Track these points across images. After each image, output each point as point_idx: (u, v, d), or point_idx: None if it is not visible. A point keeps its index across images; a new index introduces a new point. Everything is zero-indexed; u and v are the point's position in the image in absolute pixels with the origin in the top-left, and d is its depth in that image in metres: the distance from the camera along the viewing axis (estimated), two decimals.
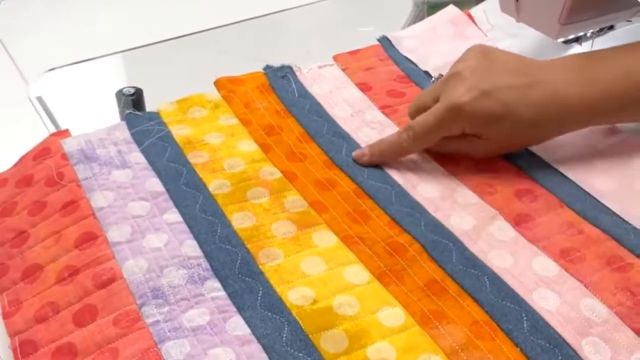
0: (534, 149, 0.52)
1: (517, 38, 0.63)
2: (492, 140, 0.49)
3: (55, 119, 0.59)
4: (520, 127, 0.48)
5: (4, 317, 0.41)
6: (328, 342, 0.38)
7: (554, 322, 0.39)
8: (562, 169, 0.50)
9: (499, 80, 0.47)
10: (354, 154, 0.51)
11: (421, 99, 0.52)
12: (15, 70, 0.76)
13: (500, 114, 0.47)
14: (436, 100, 0.49)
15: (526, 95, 0.47)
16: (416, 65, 0.63)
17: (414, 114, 0.52)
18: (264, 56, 0.63)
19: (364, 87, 0.60)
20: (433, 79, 0.56)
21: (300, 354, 0.37)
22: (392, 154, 0.51)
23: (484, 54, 0.50)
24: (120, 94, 0.59)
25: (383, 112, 0.57)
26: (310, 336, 0.38)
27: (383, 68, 0.63)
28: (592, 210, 0.47)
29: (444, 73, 0.59)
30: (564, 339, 0.38)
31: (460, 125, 0.48)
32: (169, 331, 0.38)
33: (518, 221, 0.46)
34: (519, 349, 0.38)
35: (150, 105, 0.59)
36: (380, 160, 0.51)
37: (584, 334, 0.38)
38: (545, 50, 0.62)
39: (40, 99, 0.65)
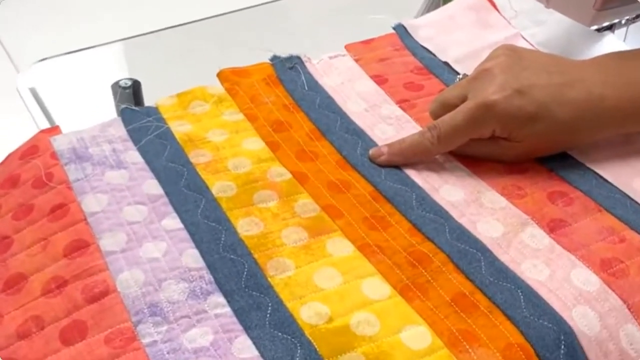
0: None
1: (544, 25, 0.59)
2: (524, 143, 0.45)
3: (49, 113, 0.55)
4: (555, 129, 0.44)
5: None
6: None
7: (591, 354, 0.35)
8: (598, 170, 0.46)
9: (532, 79, 0.44)
10: (370, 152, 0.47)
11: (446, 96, 0.47)
12: (8, 60, 0.72)
13: (534, 114, 0.43)
14: (463, 98, 0.45)
15: (561, 95, 0.44)
16: (435, 56, 0.58)
17: (437, 112, 0.47)
18: (270, 46, 0.59)
19: (379, 80, 0.56)
20: (458, 77, 0.52)
21: None
22: (413, 155, 0.46)
23: (514, 52, 0.47)
24: (116, 87, 0.55)
25: (400, 107, 0.53)
26: None
27: (399, 59, 0.58)
28: (633, 214, 0.42)
29: (465, 65, 0.55)
30: None
31: (490, 125, 0.44)
32: (167, 353, 0.34)
33: (552, 227, 0.42)
34: None
35: (148, 99, 0.55)
36: (399, 161, 0.47)
37: None
38: (575, 39, 0.57)
39: (33, 91, 0.61)
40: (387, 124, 0.51)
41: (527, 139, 0.45)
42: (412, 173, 0.46)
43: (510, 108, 0.43)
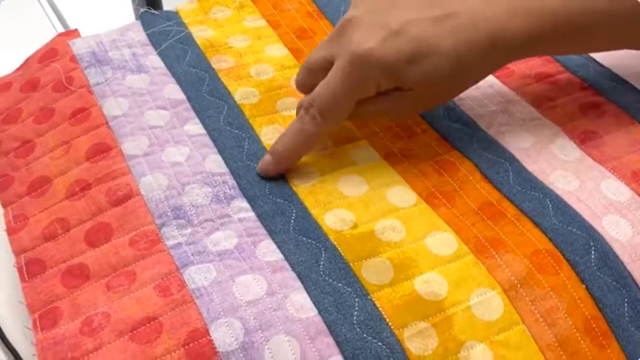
0: (601, 60, 0.46)
1: None
2: (417, 91, 0.38)
3: (64, 17, 0.53)
4: (444, 65, 0.36)
5: (9, 233, 0.37)
6: (370, 271, 0.34)
7: (625, 257, 0.34)
8: (633, 82, 0.44)
9: (404, 16, 0.37)
10: (258, 169, 0.39)
11: (310, 61, 0.40)
12: None
13: (415, 53, 0.36)
14: (329, 60, 0.38)
15: (442, 26, 0.37)
16: None
17: (305, 82, 0.40)
18: None
19: None
20: None
21: (340, 284, 0.33)
22: (301, 147, 0.39)
23: None
24: None
25: None
26: (351, 265, 0.34)
27: None
28: None
29: None
30: (633, 279, 0.34)
31: (372, 80, 0.37)
32: (192, 255, 0.34)
33: (583, 139, 0.41)
34: (584, 286, 0.33)
35: (168, 4, 0.53)
36: (288, 163, 0.39)
37: None
38: None
39: None
40: None
41: (417, 84, 0.37)
42: None
43: (387, 53, 0.36)
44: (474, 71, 0.38)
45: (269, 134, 0.41)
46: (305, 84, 0.40)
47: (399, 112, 0.40)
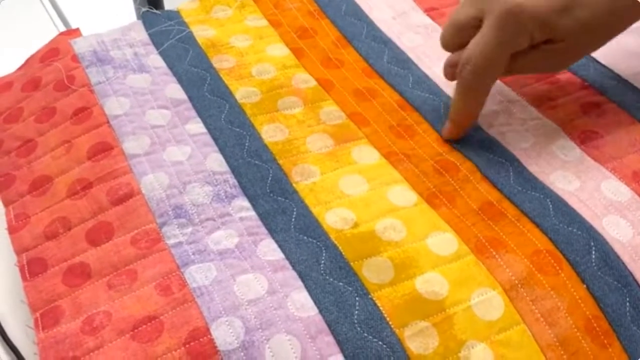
0: (602, 59, 0.46)
1: None
2: (568, 41, 0.38)
3: (65, 17, 0.53)
4: (599, 11, 0.37)
5: (10, 232, 0.37)
6: (371, 270, 0.34)
7: (625, 257, 0.34)
8: (634, 82, 0.44)
9: None
10: (445, 136, 0.42)
11: (458, 18, 0.40)
12: None
13: (569, 2, 0.37)
14: (478, 17, 0.39)
15: None
16: None
17: (453, 39, 0.41)
18: None
19: None
20: None
21: (340, 284, 0.33)
22: (471, 108, 0.41)
23: None
24: None
25: (428, 15, 0.51)
26: (351, 264, 0.34)
27: None
28: None
29: None
30: (634, 278, 0.34)
31: (526, 31, 0.38)
32: (193, 254, 0.34)
33: (583, 139, 0.41)
34: (585, 286, 0.33)
35: (169, 3, 0.53)
36: (469, 123, 0.41)
37: None
38: None
39: None
40: (415, 32, 0.49)
41: (569, 34, 0.38)
42: (439, 82, 0.45)
43: (539, 4, 0.37)
44: (627, 15, 0.39)
45: (270, 132, 0.41)
46: (453, 43, 0.41)
47: (551, 64, 0.41)
